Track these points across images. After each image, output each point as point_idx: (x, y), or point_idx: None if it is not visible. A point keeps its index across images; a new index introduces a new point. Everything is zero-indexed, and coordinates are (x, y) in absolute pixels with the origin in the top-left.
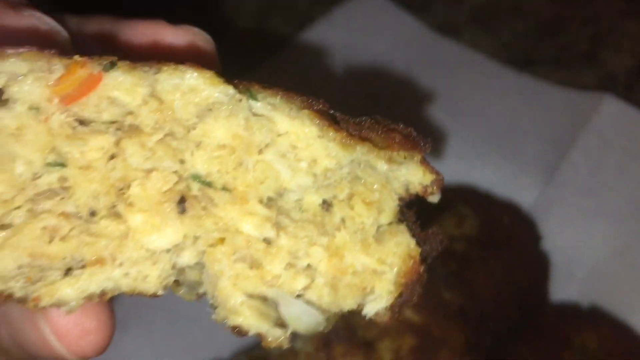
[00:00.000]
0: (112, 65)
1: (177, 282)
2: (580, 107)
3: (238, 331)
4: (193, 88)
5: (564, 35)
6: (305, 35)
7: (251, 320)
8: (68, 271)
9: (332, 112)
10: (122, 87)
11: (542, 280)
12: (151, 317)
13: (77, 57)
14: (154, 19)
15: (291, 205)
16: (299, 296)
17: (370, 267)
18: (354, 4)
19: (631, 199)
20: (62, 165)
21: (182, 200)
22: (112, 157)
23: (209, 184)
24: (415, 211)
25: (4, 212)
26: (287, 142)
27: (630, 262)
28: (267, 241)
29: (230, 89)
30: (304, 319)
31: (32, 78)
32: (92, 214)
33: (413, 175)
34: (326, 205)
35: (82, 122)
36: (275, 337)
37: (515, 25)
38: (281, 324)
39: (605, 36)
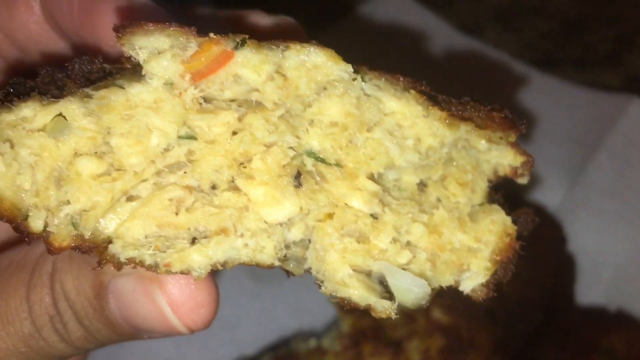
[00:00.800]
0: (243, 43)
1: (285, 258)
2: (606, 109)
3: (347, 303)
4: (317, 65)
5: (587, 35)
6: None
7: (361, 292)
8: (194, 240)
9: (434, 93)
10: (249, 64)
11: (568, 282)
12: None
13: (212, 35)
14: (251, 9)
15: (391, 184)
16: (405, 269)
17: (467, 245)
18: (374, 3)
19: None
20: (193, 137)
21: (297, 175)
22: (235, 132)
23: (322, 160)
24: (503, 193)
25: (134, 184)
26: (394, 121)
27: None
28: (374, 216)
29: (350, 67)
30: (413, 290)
31: (170, 54)
32: (214, 187)
33: (504, 158)
34: (422, 185)
35: (206, 99)
36: (384, 308)
37: (538, 25)
38: (387, 296)
39: (629, 37)
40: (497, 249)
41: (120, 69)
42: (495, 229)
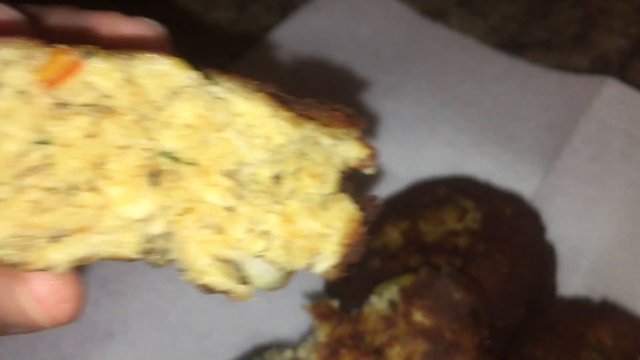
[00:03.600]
0: (92, 53)
1: (148, 251)
2: (579, 91)
3: (206, 289)
4: (164, 72)
5: (554, 17)
6: (287, 23)
7: (218, 279)
8: (55, 239)
9: (282, 94)
10: (100, 73)
11: (550, 274)
12: (139, 326)
13: (59, 46)
14: (109, 11)
15: (247, 178)
16: (259, 257)
17: (317, 231)
18: None
19: (635, 185)
20: (47, 142)
21: (154, 175)
22: (91, 136)
23: (177, 159)
24: (354, 183)
25: None
26: (244, 121)
27: (636, 250)
28: (229, 209)
29: (194, 74)
30: (265, 276)
31: (20, 65)
32: (73, 187)
33: (351, 151)
34: (277, 178)
35: (62, 104)
36: (240, 292)
37: (503, 8)
38: (244, 282)
39: (596, 17)
40: (346, 234)
41: None
42: (342, 215)
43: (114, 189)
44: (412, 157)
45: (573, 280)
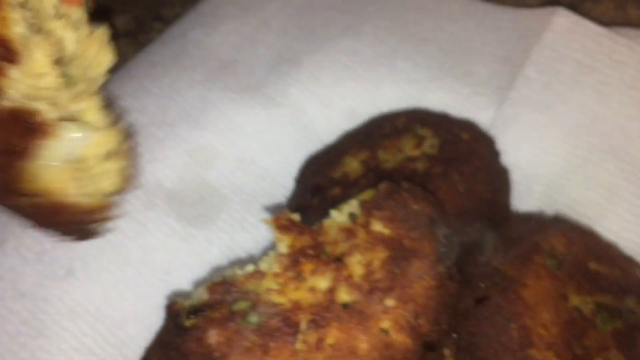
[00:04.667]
0: None
1: None
2: (532, 24)
3: None
4: None
5: None
6: None
7: None
8: None
9: None
10: None
11: (504, 193)
12: (99, 263)
13: None
14: None
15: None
16: None
17: None
18: None
19: (586, 111)
20: None
21: None
22: None
23: None
24: None
25: None
26: None
27: (587, 175)
28: None
29: None
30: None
31: None
32: None
33: None
34: None
35: None
36: None
37: None
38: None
39: None
40: None
41: None
42: None
43: None
44: (371, 93)
45: (527, 203)
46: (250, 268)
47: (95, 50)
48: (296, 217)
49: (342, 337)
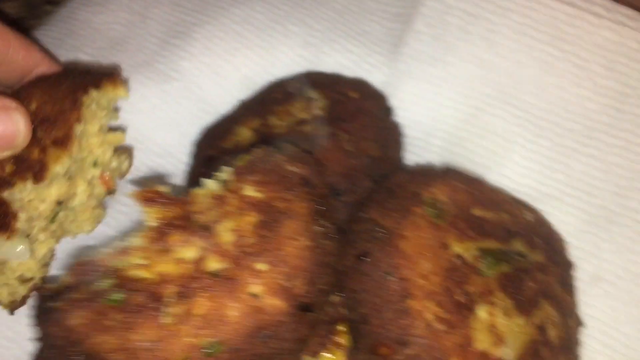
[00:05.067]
0: None
1: None
2: None
3: None
4: None
5: None
6: None
7: None
8: None
9: None
10: None
11: (395, 150)
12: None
13: None
14: None
15: None
16: None
17: None
18: None
19: (477, 61)
20: None
21: None
22: None
23: None
24: None
25: None
26: None
27: (482, 124)
28: None
29: None
30: None
31: None
32: None
33: None
34: None
35: None
36: None
37: None
38: None
39: None
40: None
41: None
42: None
43: None
44: (266, 60)
45: (426, 159)
46: (116, 245)
47: (87, 216)
48: (164, 188)
49: (211, 307)
